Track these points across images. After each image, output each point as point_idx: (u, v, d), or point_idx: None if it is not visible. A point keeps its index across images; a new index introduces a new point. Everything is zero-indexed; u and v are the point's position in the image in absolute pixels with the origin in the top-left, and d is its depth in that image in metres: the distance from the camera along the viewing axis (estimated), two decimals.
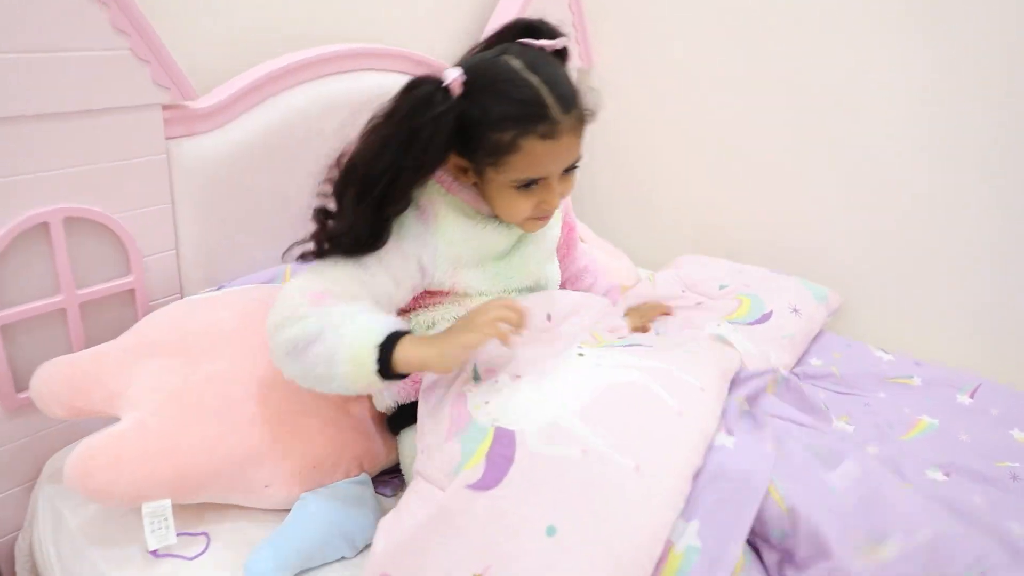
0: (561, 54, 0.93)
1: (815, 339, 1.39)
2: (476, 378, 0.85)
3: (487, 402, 0.80)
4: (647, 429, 0.75)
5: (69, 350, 1.05)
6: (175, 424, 0.90)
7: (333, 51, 1.26)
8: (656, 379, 0.80)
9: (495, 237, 0.95)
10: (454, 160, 0.90)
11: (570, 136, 0.86)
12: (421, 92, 0.82)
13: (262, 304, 1.02)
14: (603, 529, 0.68)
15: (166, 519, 0.88)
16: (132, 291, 1.10)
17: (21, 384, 1.02)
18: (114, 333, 1.07)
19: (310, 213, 0.88)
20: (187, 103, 1.08)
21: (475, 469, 0.73)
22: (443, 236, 0.91)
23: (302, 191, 1.27)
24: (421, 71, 1.46)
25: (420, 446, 0.83)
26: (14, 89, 0.89)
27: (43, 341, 1.03)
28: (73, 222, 1.00)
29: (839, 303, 1.46)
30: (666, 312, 1.29)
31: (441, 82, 0.82)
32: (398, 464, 1.05)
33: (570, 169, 0.91)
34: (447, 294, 0.96)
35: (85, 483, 0.87)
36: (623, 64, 1.85)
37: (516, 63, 0.85)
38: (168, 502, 0.87)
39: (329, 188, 0.87)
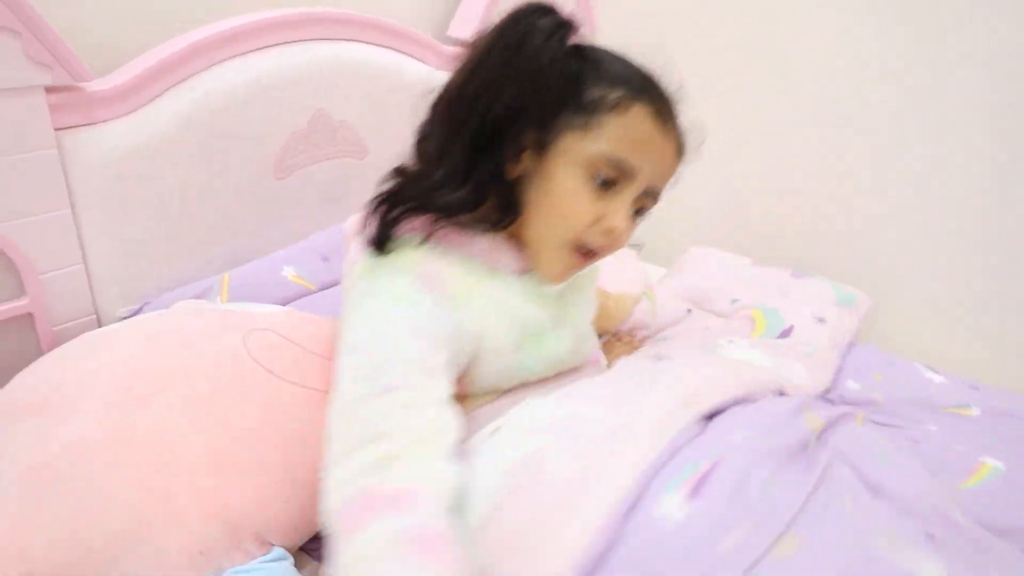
0: None
1: (849, 354, 1.18)
2: None
3: None
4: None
5: None
6: (25, 512, 0.71)
7: (272, 18, 1.04)
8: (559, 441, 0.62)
9: (535, 299, 0.72)
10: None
11: (674, 149, 0.72)
12: (543, 23, 0.64)
13: (155, 339, 0.83)
14: None
15: None
16: (31, 315, 0.92)
17: None
18: (11, 366, 0.88)
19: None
20: (80, 85, 0.87)
21: None
22: (467, 308, 0.67)
23: (237, 188, 1.09)
24: (386, 41, 1.27)
25: None
26: None
27: None
28: None
29: (869, 307, 1.26)
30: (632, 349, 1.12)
31: (558, 15, 0.66)
32: None
33: (642, 211, 0.74)
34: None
35: None
36: (630, 29, 1.61)
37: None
38: None
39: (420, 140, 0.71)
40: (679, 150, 0.72)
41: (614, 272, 1.38)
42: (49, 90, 0.84)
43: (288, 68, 1.07)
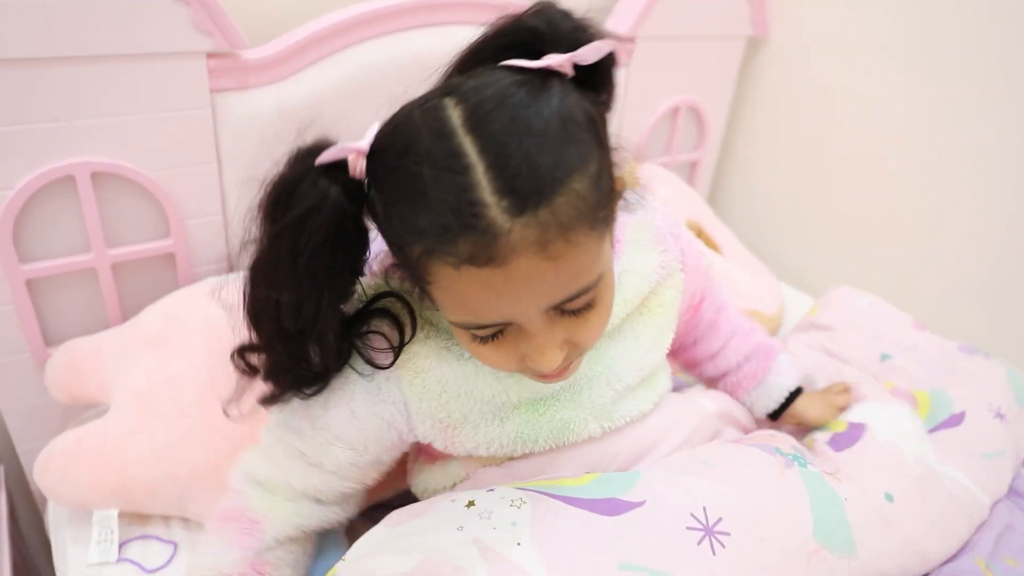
0: (596, 76, 0.52)
1: None
2: None
3: None
4: None
5: (103, 310, 1.00)
6: (130, 427, 0.82)
7: (421, 0, 1.07)
8: None
9: (504, 381, 0.60)
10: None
11: (532, 259, 0.46)
12: (288, 178, 0.51)
13: None
14: None
15: (112, 531, 0.79)
16: (173, 255, 1.02)
17: (51, 339, 0.98)
18: (153, 298, 1.00)
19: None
20: (236, 52, 0.95)
21: None
22: (408, 385, 0.61)
23: None
24: None
25: None
26: (39, 28, 0.80)
27: (75, 300, 0.98)
28: (105, 177, 0.92)
29: None
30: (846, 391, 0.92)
31: (324, 167, 0.51)
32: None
33: (578, 303, 0.51)
34: (449, 456, 0.69)
35: (41, 479, 0.82)
36: (810, 34, 1.47)
37: (454, 114, 0.47)
38: (114, 513, 0.79)
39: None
40: (545, 250, 0.46)
41: (745, 288, 1.28)
42: (209, 56, 0.93)
43: (434, 51, 1.09)
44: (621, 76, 1.37)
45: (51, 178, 0.88)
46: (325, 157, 0.50)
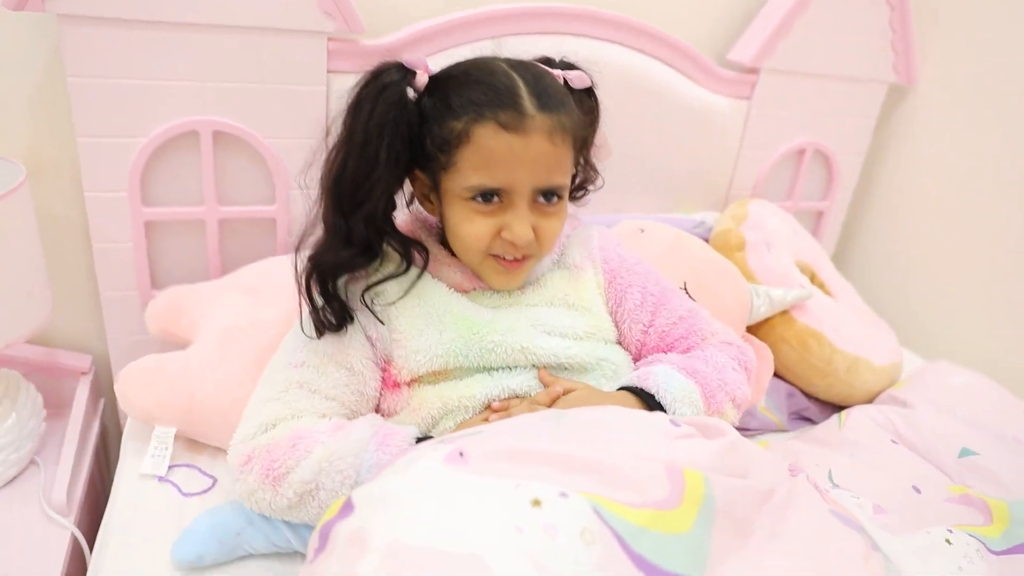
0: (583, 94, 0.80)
1: None
2: None
3: None
4: None
5: (204, 262, 1.08)
6: (210, 358, 0.87)
7: (536, 7, 1.10)
8: None
9: (453, 299, 0.78)
10: (418, 178, 0.78)
11: (542, 138, 0.71)
12: (378, 74, 0.72)
13: None
14: None
15: (167, 448, 0.83)
16: (274, 220, 1.09)
17: (157, 280, 1.07)
18: (251, 257, 1.07)
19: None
20: (356, 37, 1.02)
21: None
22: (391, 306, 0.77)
23: None
24: (658, 52, 1.24)
25: None
26: None
27: (182, 248, 1.07)
28: (226, 139, 1.02)
29: None
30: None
31: (403, 65, 0.73)
32: None
33: (549, 196, 0.74)
34: (399, 387, 0.78)
35: (121, 388, 0.88)
36: (960, 86, 1.35)
37: (501, 64, 0.74)
38: (172, 431, 0.84)
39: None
40: (560, 137, 0.72)
41: (852, 333, 1.16)
42: (330, 38, 1.01)
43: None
44: (742, 108, 1.32)
45: (179, 131, 0.98)
46: (407, 59, 0.73)
